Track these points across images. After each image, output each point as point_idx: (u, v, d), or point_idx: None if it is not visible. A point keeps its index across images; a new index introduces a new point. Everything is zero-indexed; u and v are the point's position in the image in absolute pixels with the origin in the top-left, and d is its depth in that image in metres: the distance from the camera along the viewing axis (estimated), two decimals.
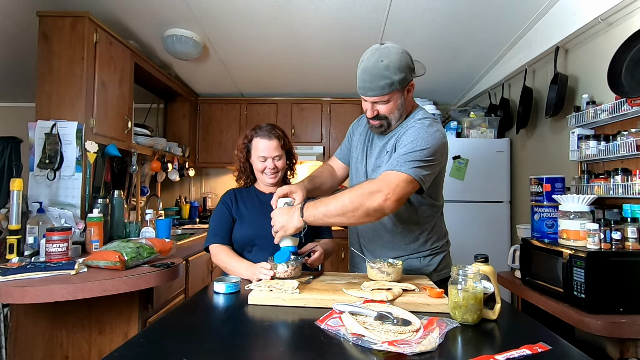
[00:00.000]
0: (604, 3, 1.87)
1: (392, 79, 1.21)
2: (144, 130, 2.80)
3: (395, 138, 1.32)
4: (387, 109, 1.28)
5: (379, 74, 1.20)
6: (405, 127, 1.31)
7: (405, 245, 1.39)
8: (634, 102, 1.65)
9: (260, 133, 1.51)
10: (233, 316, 0.98)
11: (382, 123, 1.32)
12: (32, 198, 1.91)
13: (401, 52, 1.24)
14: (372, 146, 1.44)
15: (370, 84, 1.22)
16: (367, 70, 1.23)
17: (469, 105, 3.61)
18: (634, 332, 1.25)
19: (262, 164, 1.51)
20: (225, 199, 1.57)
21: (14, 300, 1.32)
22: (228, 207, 1.54)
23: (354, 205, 1.13)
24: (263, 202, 1.53)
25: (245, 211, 1.52)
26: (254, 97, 3.83)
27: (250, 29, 2.57)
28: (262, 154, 1.49)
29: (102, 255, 1.55)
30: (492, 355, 0.72)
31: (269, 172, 1.51)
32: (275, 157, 1.51)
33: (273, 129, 1.53)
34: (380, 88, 1.22)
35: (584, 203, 1.51)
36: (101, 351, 1.63)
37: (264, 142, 1.49)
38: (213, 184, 4.12)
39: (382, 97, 1.24)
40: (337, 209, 1.15)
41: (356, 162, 1.49)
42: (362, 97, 1.30)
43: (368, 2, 2.26)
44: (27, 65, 2.55)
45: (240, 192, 1.59)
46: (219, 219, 1.52)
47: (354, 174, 1.51)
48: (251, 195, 1.58)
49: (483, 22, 2.45)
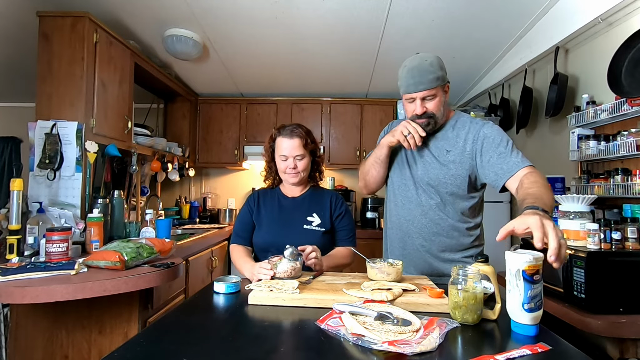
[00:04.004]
0: (604, 3, 1.87)
1: (437, 74, 1.31)
2: (144, 130, 2.80)
3: (463, 140, 1.37)
4: (434, 106, 1.34)
5: (426, 70, 1.30)
6: (471, 129, 1.38)
7: (469, 245, 1.43)
8: (634, 102, 1.65)
9: (283, 132, 1.51)
10: (233, 316, 0.98)
11: (430, 121, 1.36)
12: (32, 198, 1.91)
13: (437, 56, 1.36)
14: (418, 152, 1.44)
15: (420, 78, 1.30)
16: (415, 68, 1.32)
17: (469, 105, 3.61)
18: (634, 332, 1.25)
19: (283, 163, 1.50)
20: (250, 201, 1.59)
21: (14, 300, 1.32)
22: (250, 209, 1.57)
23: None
24: (283, 208, 1.55)
25: (265, 217, 1.54)
26: (254, 97, 3.83)
27: (250, 29, 2.57)
28: (283, 152, 1.49)
29: (102, 255, 1.55)
30: (492, 355, 0.72)
31: (290, 172, 1.50)
32: (297, 157, 1.49)
33: (296, 128, 1.51)
34: (429, 82, 1.30)
35: (584, 203, 1.51)
36: (101, 351, 1.63)
37: (286, 141, 1.49)
38: (213, 184, 4.12)
39: (431, 91, 1.32)
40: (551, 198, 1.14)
41: (399, 165, 1.49)
42: (409, 97, 1.35)
43: (368, 2, 2.26)
44: (27, 65, 2.55)
45: (264, 195, 1.60)
46: (241, 221, 1.57)
47: (399, 175, 1.49)
48: (274, 198, 1.58)
49: (483, 22, 2.45)
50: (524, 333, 0.85)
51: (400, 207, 1.47)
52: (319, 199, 1.57)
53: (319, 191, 1.62)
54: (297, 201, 1.57)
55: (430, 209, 1.40)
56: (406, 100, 1.38)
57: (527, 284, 0.85)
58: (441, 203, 1.39)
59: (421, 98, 1.33)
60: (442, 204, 1.39)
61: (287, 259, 1.24)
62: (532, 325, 0.85)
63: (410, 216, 1.43)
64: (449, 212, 1.39)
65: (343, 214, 1.57)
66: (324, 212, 1.54)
